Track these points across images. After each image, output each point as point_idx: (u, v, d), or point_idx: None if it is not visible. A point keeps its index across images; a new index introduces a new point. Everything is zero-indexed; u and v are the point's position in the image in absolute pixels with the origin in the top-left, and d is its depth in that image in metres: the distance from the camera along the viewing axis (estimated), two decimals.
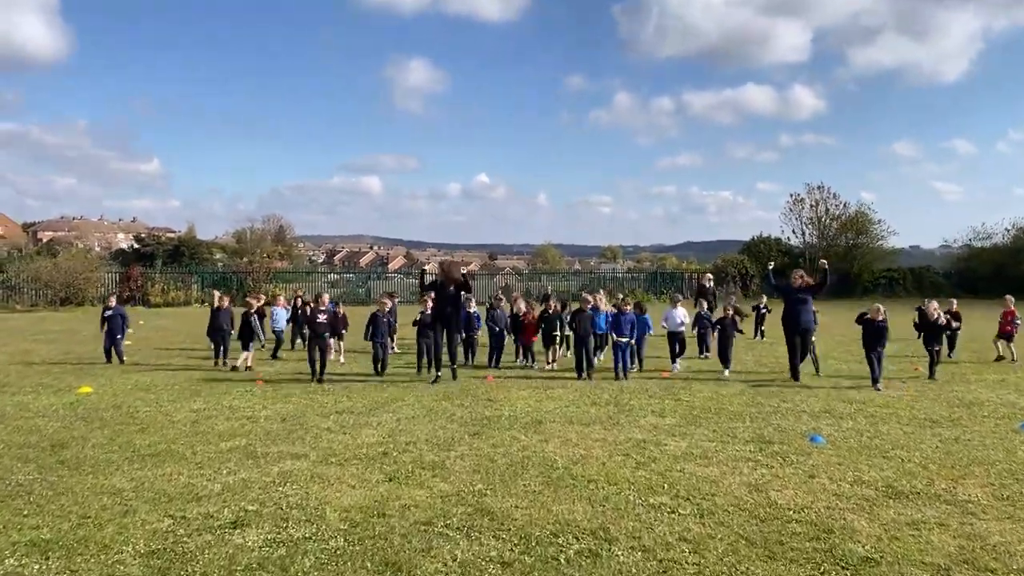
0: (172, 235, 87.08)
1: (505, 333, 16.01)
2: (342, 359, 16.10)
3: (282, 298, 19.37)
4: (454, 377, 13.71)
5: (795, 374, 13.55)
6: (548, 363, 15.24)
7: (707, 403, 11.21)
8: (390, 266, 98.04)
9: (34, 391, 12.24)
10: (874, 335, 12.96)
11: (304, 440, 8.68)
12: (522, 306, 16.68)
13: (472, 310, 16.34)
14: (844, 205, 54.40)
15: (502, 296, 16.69)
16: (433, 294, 14.25)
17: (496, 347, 15.81)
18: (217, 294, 17.19)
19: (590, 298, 15.54)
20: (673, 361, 15.45)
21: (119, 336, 16.29)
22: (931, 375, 13.91)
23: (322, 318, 13.78)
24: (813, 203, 54.53)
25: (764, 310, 21.73)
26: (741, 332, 15.79)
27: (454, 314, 13.83)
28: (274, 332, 17.72)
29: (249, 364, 15.16)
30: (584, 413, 10.39)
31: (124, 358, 16.16)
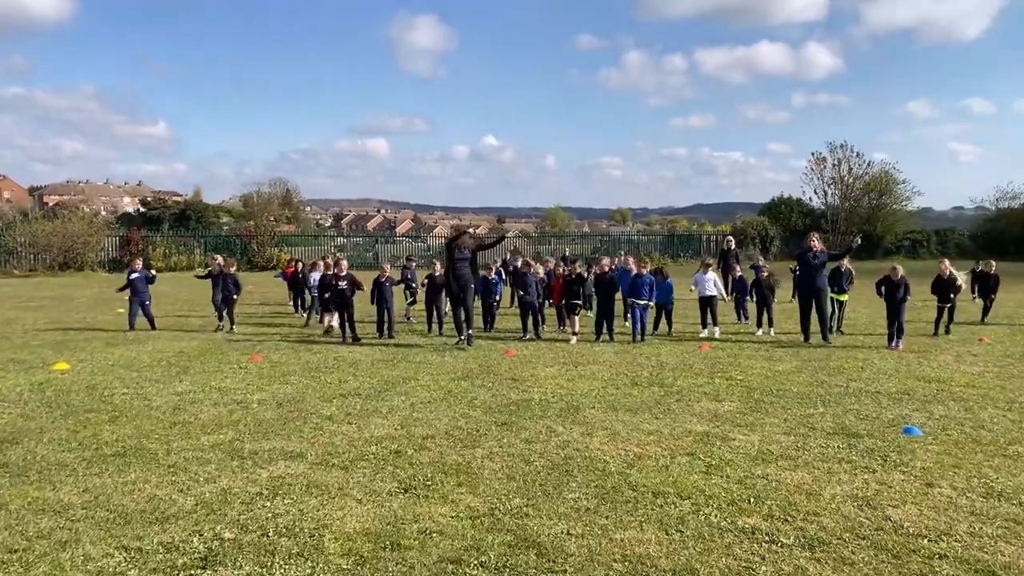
0: (178, 199, 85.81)
1: (536, 300, 14.49)
2: (335, 323, 15.02)
3: (322, 263, 18.38)
4: (469, 343, 12.61)
5: (806, 336, 13.42)
6: (571, 333, 13.79)
7: (764, 383, 9.79)
8: (398, 230, 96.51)
9: (2, 368, 10.90)
10: (896, 295, 12.86)
11: (302, 432, 7.30)
12: (548, 266, 15.50)
13: (491, 277, 14.95)
14: (868, 164, 52.39)
15: (530, 261, 15.21)
16: (445, 256, 13.45)
17: (533, 315, 14.30)
18: (220, 258, 16.23)
19: (607, 260, 14.64)
20: (704, 327, 14.34)
21: (147, 302, 15.41)
22: (935, 332, 14.19)
23: (343, 284, 13.59)
24: (835, 162, 52.60)
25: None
26: (776, 286, 15.34)
27: (470, 275, 12.84)
28: (313, 298, 16.79)
29: (333, 324, 14.72)
30: (626, 396, 8.99)
31: (155, 323, 15.41)
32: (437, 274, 14.27)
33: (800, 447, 6.77)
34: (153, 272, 16.52)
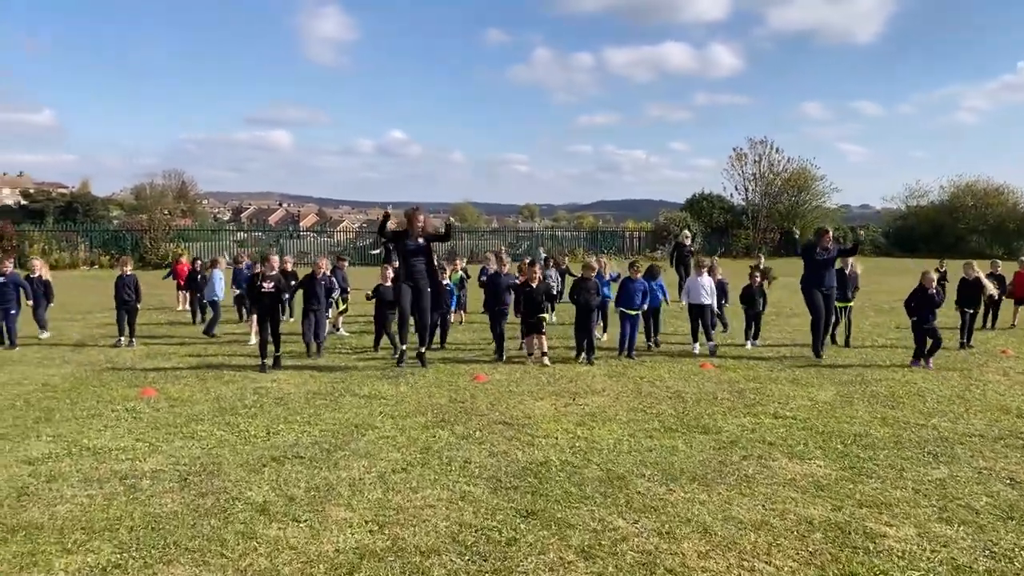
0: (64, 191, 79.18)
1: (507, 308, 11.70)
2: (253, 340, 12.27)
3: (222, 259, 15.23)
4: (422, 363, 10.08)
5: (818, 350, 11.41)
6: (541, 354, 11.00)
7: (826, 423, 7.60)
8: (302, 224, 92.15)
9: None
10: (927, 304, 10.89)
11: (223, 544, 4.60)
12: (490, 268, 12.99)
13: (445, 282, 12.26)
14: (787, 160, 52.04)
15: (503, 257, 12.21)
16: (393, 248, 10.77)
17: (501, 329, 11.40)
18: (39, 263, 13.79)
19: (595, 264, 12.24)
20: (695, 340, 12.11)
21: (12, 312, 12.34)
22: (962, 344, 12.46)
23: (268, 285, 10.35)
24: (756, 158, 52.03)
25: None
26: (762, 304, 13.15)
27: (427, 273, 10.10)
28: (209, 303, 13.99)
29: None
30: (671, 452, 6.60)
31: (16, 340, 12.35)
32: (386, 284, 11.48)
33: (995, 551, 4.54)
34: (38, 273, 13.48)
